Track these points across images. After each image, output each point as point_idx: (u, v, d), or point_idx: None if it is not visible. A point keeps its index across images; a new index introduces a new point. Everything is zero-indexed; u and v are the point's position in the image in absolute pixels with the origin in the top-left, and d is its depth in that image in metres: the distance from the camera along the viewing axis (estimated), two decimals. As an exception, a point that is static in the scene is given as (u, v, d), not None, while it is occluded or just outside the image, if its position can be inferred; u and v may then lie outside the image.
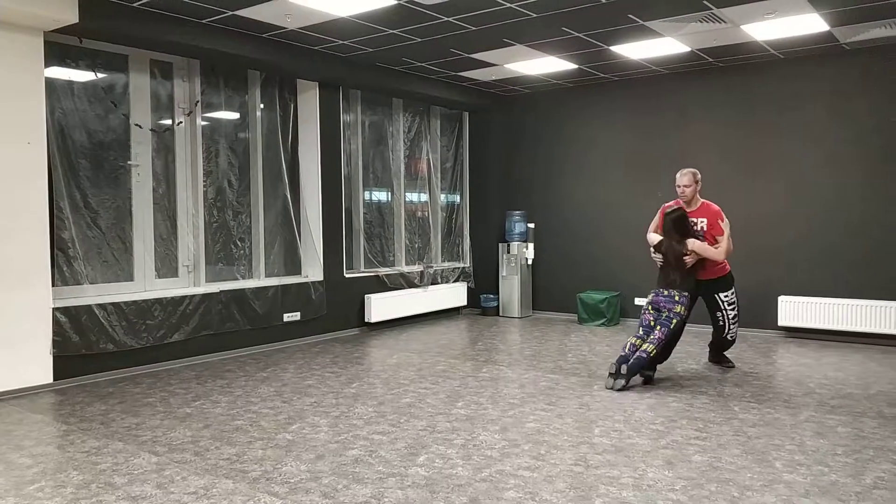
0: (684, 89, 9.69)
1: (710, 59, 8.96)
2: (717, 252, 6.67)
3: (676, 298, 6.59)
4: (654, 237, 6.86)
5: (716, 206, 6.88)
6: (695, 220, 6.81)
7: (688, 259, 6.60)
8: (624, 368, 6.35)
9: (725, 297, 6.97)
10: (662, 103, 9.90)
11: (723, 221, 6.79)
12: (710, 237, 6.76)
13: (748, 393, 6.20)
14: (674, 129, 9.79)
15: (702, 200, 6.93)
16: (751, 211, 9.16)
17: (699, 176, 6.90)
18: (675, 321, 6.57)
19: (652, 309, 6.73)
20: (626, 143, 10.25)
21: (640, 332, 6.65)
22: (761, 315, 9.15)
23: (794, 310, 8.80)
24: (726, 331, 7.06)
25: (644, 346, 6.46)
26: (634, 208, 10.10)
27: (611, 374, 6.43)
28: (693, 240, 6.66)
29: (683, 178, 6.86)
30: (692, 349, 8.14)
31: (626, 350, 6.52)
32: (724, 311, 6.98)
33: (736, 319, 7.06)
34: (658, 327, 6.57)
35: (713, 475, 4.23)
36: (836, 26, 7.49)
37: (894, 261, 8.28)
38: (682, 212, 6.76)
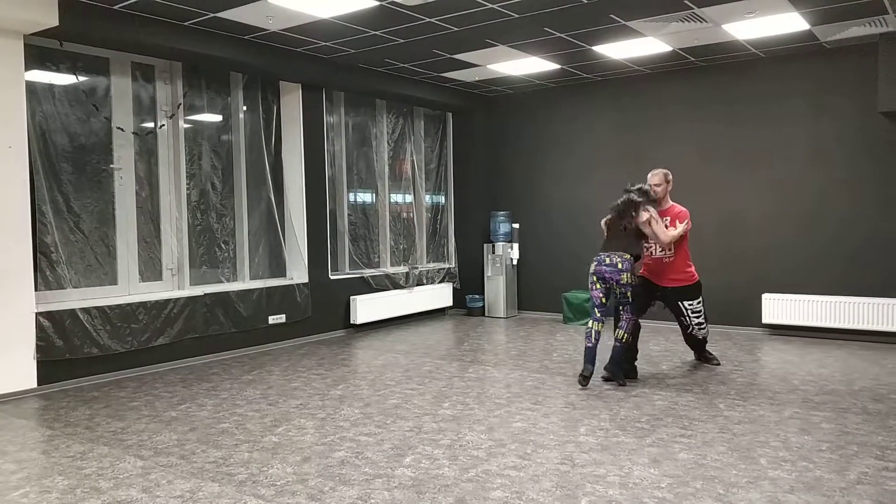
0: (667, 89, 9.74)
1: (692, 59, 9.01)
2: (663, 231, 6.56)
3: (620, 266, 6.38)
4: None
5: (683, 209, 6.86)
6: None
7: (643, 217, 6.48)
8: (590, 369, 6.37)
9: (690, 305, 6.90)
10: (645, 103, 9.94)
11: (683, 223, 6.73)
12: None
13: (733, 390, 6.23)
14: (657, 129, 9.83)
15: (672, 202, 6.95)
16: (733, 209, 9.23)
17: (671, 177, 6.95)
18: (629, 293, 6.44)
19: (598, 280, 6.52)
20: (610, 142, 10.29)
21: (597, 315, 6.51)
22: (745, 312, 9.20)
23: (777, 307, 8.85)
24: (690, 330, 7.08)
25: (617, 335, 6.47)
26: (618, 207, 10.13)
27: (583, 376, 6.40)
28: (650, 207, 6.60)
29: (654, 177, 6.90)
30: (677, 348, 8.17)
31: (592, 340, 6.39)
32: (688, 318, 6.95)
33: (702, 325, 7.04)
34: (621, 309, 6.52)
35: (699, 472, 4.25)
36: (816, 25, 7.55)
37: (877, 258, 8.34)
38: (647, 189, 6.69)
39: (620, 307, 6.55)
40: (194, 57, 7.49)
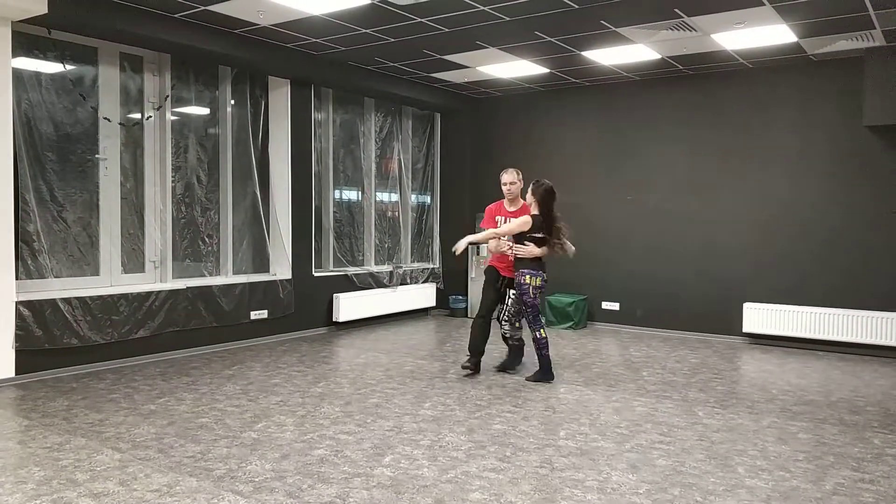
0: (654, 96, 9.77)
1: (680, 67, 9.05)
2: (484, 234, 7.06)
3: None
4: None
5: (527, 208, 7.08)
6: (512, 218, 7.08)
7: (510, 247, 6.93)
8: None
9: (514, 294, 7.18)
10: (633, 110, 9.98)
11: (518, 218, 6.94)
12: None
13: (712, 398, 6.27)
14: (643, 136, 9.87)
15: (523, 201, 7.21)
16: (717, 218, 9.27)
17: (521, 175, 7.23)
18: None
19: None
20: (596, 147, 10.32)
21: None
22: (726, 321, 9.25)
23: (758, 317, 8.89)
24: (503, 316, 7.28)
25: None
26: (603, 213, 10.17)
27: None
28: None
29: (509, 175, 7.19)
30: (658, 354, 8.21)
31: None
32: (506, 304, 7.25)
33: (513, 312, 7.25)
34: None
35: (677, 479, 4.27)
36: (804, 38, 7.60)
37: (859, 271, 8.40)
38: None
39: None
40: (183, 49, 7.45)
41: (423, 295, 11.09)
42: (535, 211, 6.83)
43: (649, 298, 9.87)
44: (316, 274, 9.45)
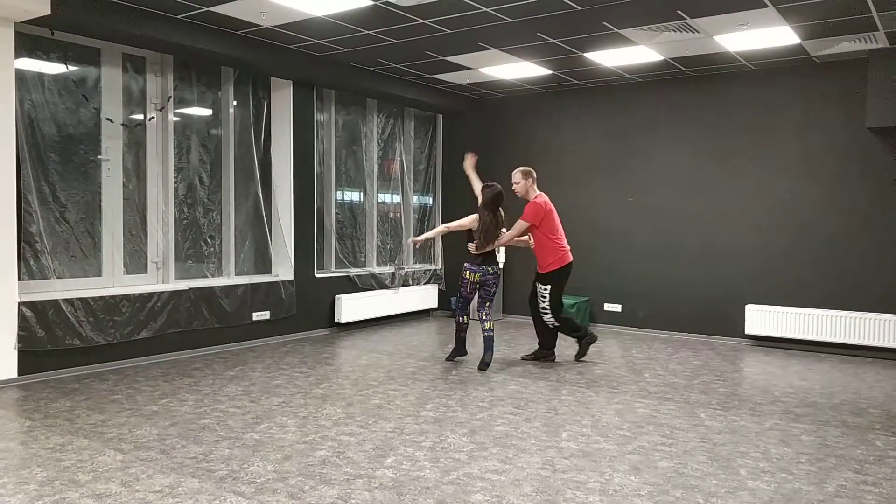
0: (657, 98, 9.77)
1: (683, 69, 9.05)
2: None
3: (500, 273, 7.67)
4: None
5: (535, 202, 7.62)
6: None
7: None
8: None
9: (539, 289, 7.76)
10: (635, 111, 9.98)
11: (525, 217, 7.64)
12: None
13: (714, 400, 6.26)
14: (646, 137, 9.87)
15: (533, 196, 7.73)
16: (719, 219, 9.27)
17: (530, 175, 7.75)
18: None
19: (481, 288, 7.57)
20: (598, 149, 10.31)
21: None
22: (728, 323, 9.25)
23: (761, 318, 8.89)
24: (540, 311, 7.78)
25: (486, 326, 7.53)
26: (605, 214, 10.17)
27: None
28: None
29: (513, 176, 7.77)
30: (660, 355, 8.20)
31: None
32: (538, 298, 7.77)
33: (546, 310, 7.70)
34: (488, 304, 7.60)
35: (679, 481, 4.27)
36: (807, 39, 7.60)
37: (861, 272, 8.40)
38: (500, 190, 7.56)
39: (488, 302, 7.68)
40: (186, 50, 7.45)
41: (425, 296, 11.09)
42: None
43: (651, 300, 9.87)
44: (318, 275, 9.46)
